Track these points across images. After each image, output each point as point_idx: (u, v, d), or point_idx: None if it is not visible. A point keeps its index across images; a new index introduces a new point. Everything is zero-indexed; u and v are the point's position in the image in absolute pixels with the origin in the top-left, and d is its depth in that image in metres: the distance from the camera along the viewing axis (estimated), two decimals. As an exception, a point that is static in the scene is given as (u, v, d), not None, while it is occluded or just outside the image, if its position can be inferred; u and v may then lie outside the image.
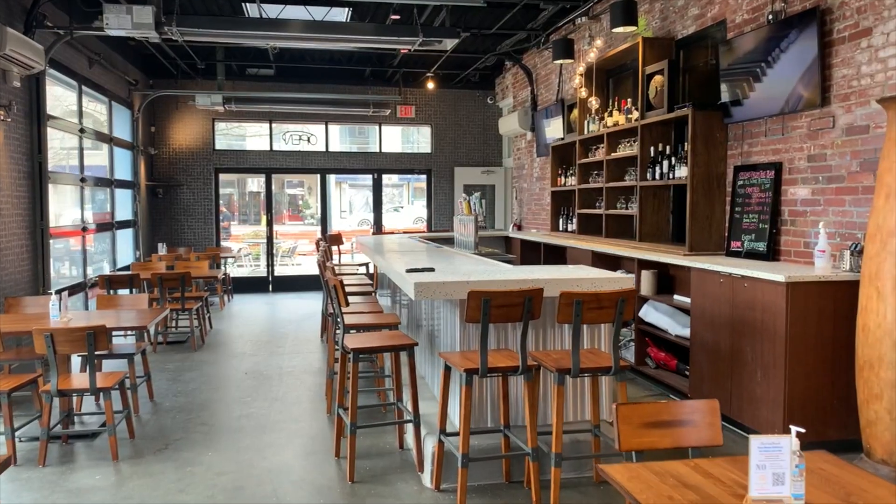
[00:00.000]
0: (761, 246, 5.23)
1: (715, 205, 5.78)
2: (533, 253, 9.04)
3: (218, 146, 12.31)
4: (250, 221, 14.80)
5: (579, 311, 3.35)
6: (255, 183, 13.98)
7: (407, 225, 14.81)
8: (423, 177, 13.10)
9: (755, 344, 4.55)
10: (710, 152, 5.76)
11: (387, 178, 13.56)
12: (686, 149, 5.88)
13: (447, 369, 3.75)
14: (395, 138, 13.28)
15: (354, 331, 4.59)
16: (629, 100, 7.02)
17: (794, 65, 4.85)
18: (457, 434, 3.77)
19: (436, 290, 3.79)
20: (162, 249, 10.74)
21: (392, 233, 12.66)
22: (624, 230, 7.42)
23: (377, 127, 12.79)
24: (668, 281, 6.18)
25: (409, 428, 4.34)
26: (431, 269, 4.31)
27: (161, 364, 6.94)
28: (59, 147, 8.44)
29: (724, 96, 5.59)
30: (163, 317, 5.36)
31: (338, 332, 4.33)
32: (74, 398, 5.05)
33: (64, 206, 8.60)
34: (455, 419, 4.15)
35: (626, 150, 6.96)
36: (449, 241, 8.24)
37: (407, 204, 16.22)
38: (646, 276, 6.11)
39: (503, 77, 12.15)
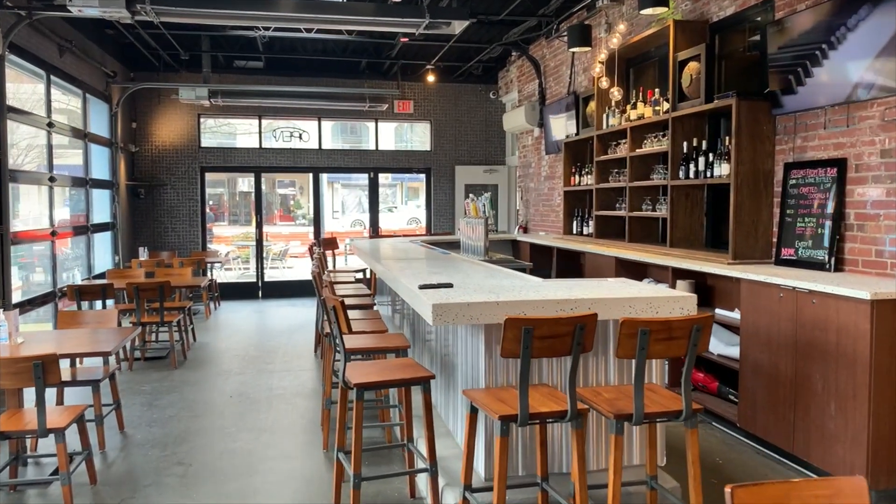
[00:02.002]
0: (821, 254, 4.56)
1: (762, 207, 5.11)
2: (542, 257, 8.35)
3: (204, 143, 11.55)
4: (241, 222, 14.05)
5: (645, 343, 2.66)
6: (246, 183, 13.25)
7: (401, 226, 14.13)
8: (420, 176, 12.40)
9: (828, 371, 3.87)
10: (756, 147, 5.09)
11: (382, 178, 12.84)
12: (727, 144, 5.22)
13: (473, 411, 3.05)
14: (391, 135, 12.57)
15: (354, 356, 3.89)
16: (657, 90, 6.34)
17: (866, 45, 4.18)
18: (484, 490, 3.08)
19: (459, 314, 3.09)
20: (143, 254, 9.98)
21: (390, 235, 11.95)
22: (648, 234, 6.75)
23: (373, 123, 12.06)
24: (706, 292, 5.50)
25: (423, 474, 3.65)
26: (449, 285, 3.62)
27: (136, 385, 6.21)
28: (38, 144, 7.69)
29: (773, 84, 4.92)
30: (132, 338, 4.65)
31: (337, 359, 3.63)
32: (29, 439, 4.32)
33: (34, 208, 7.85)
34: (480, 468, 3.45)
35: (654, 145, 6.28)
36: (452, 245, 7.55)
37: (401, 204, 15.53)
38: (682, 286, 5.43)
39: (507, 70, 11.44)
